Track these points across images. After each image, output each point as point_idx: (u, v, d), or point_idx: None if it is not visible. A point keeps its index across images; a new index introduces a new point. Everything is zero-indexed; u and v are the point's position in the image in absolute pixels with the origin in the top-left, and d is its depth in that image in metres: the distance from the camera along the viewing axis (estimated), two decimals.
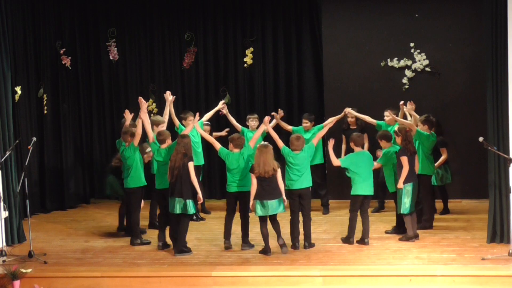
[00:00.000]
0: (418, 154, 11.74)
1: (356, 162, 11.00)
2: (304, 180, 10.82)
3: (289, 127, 13.31)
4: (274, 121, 13.08)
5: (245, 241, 10.97)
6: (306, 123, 13.15)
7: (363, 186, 10.99)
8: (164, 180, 11.00)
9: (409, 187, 11.07)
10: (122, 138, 11.42)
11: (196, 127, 11.60)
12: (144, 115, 11.12)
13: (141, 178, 11.38)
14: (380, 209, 13.29)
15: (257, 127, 13.01)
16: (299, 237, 10.89)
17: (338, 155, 11.85)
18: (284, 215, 11.60)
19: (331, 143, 11.14)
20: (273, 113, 13.25)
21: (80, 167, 15.25)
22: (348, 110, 13.14)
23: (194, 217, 13.06)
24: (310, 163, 11.81)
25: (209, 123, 13.29)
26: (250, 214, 11.09)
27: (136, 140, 11.22)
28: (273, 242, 11.15)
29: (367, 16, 14.15)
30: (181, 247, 10.78)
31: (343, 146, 13.37)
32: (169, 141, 11.09)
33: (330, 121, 12.45)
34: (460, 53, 13.94)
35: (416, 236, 11.14)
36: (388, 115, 12.77)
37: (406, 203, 11.04)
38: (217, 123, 14.13)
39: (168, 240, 11.17)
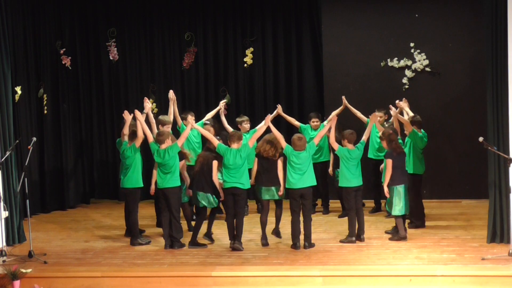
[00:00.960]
0: (410, 154, 11.79)
1: (348, 158, 11.10)
2: (306, 180, 10.84)
3: (297, 123, 13.30)
4: (272, 115, 13.08)
5: (238, 239, 10.95)
6: (316, 122, 13.11)
7: (352, 179, 11.10)
8: (165, 180, 11.01)
9: (400, 189, 11.11)
10: (127, 138, 11.39)
11: (194, 126, 11.59)
12: (141, 117, 11.12)
13: (138, 180, 11.36)
14: (377, 210, 13.27)
15: (250, 129, 13.04)
16: (300, 237, 10.89)
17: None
18: (284, 214, 11.62)
19: (334, 120, 11.28)
20: (278, 105, 13.37)
21: (80, 167, 15.25)
22: (345, 101, 13.13)
23: (194, 217, 13.05)
24: (316, 160, 11.86)
25: (209, 122, 13.26)
26: (245, 217, 11.13)
27: (138, 142, 11.20)
28: (270, 242, 11.18)
29: (367, 16, 14.15)
30: (194, 240, 10.99)
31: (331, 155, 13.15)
32: (168, 142, 11.07)
33: (332, 117, 12.28)
34: (460, 53, 13.94)
35: (404, 238, 11.16)
36: (381, 115, 12.78)
37: (398, 204, 11.09)
38: (217, 124, 14.11)
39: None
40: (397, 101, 12.54)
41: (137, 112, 11.22)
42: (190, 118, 11.96)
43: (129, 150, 11.27)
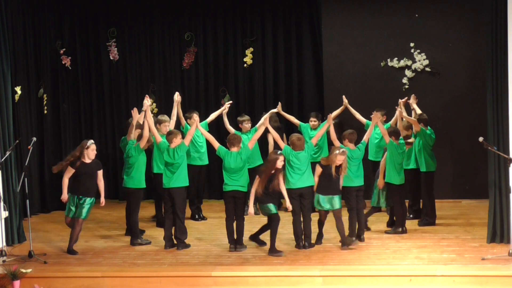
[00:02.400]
0: (421, 152, 11.85)
1: (349, 158, 11.09)
2: (305, 179, 10.84)
3: (296, 121, 13.31)
4: (270, 112, 13.07)
5: (240, 242, 10.95)
6: (314, 121, 13.15)
7: (354, 179, 11.11)
8: (172, 179, 10.99)
9: None
10: (136, 138, 11.39)
11: (198, 126, 11.60)
12: (148, 117, 11.17)
13: (140, 181, 11.35)
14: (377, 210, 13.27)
15: (251, 128, 13.05)
16: (302, 236, 10.89)
17: None
18: (285, 214, 11.63)
19: (330, 120, 11.24)
20: (279, 103, 13.40)
21: None
22: (345, 101, 13.13)
23: (196, 216, 13.07)
24: (315, 159, 11.87)
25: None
26: (245, 217, 11.13)
27: (143, 142, 11.19)
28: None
29: (367, 16, 14.15)
30: (272, 248, 10.73)
31: None
32: (177, 141, 11.05)
33: (330, 118, 12.21)
34: (460, 53, 13.94)
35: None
36: (379, 116, 12.81)
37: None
38: (217, 124, 14.12)
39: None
40: (401, 100, 12.54)
41: (135, 111, 11.28)
42: (196, 117, 11.95)
43: (134, 150, 11.27)
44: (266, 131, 11.47)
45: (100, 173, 11.15)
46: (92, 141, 11.13)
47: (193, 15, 15.06)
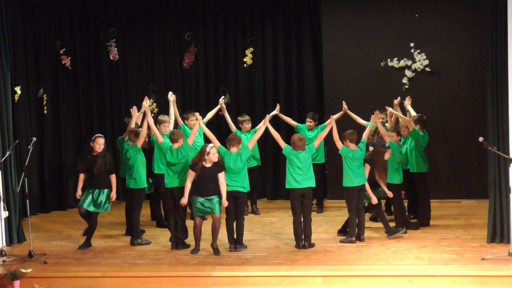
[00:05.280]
0: (412, 152, 11.84)
1: (351, 158, 11.09)
2: (306, 180, 10.84)
3: (293, 122, 13.33)
4: (271, 115, 13.06)
5: (240, 242, 10.95)
6: (310, 122, 13.18)
7: (355, 179, 11.09)
8: (174, 179, 10.99)
9: None
10: (128, 138, 11.39)
11: (201, 125, 11.60)
12: (149, 117, 11.17)
13: (142, 180, 11.37)
14: None
15: (251, 129, 13.05)
16: (302, 236, 10.89)
17: None
18: (285, 214, 11.64)
19: (333, 121, 11.24)
20: (277, 104, 13.41)
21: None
22: (345, 106, 13.11)
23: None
24: (312, 161, 11.89)
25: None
26: (245, 217, 11.12)
27: (140, 142, 11.20)
28: (270, 242, 11.18)
29: (367, 16, 14.15)
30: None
31: None
32: (181, 141, 11.06)
33: (332, 119, 12.18)
34: (460, 53, 13.94)
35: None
36: (384, 117, 12.78)
37: None
38: (217, 123, 14.12)
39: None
40: (396, 101, 12.52)
41: (134, 109, 11.30)
42: (198, 115, 11.99)
43: (132, 151, 11.28)
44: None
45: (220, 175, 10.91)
46: (211, 145, 10.90)
47: (193, 15, 15.06)
